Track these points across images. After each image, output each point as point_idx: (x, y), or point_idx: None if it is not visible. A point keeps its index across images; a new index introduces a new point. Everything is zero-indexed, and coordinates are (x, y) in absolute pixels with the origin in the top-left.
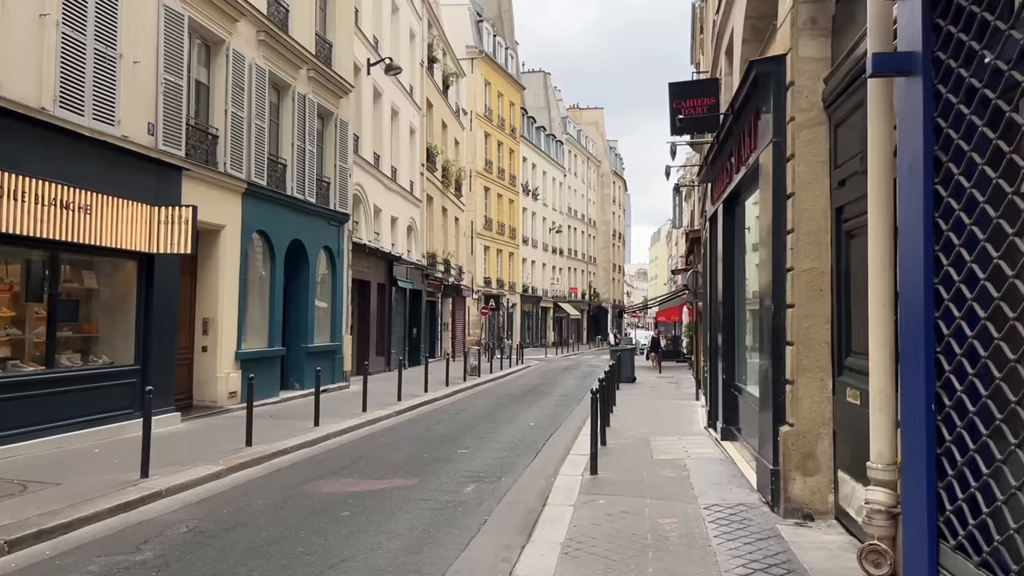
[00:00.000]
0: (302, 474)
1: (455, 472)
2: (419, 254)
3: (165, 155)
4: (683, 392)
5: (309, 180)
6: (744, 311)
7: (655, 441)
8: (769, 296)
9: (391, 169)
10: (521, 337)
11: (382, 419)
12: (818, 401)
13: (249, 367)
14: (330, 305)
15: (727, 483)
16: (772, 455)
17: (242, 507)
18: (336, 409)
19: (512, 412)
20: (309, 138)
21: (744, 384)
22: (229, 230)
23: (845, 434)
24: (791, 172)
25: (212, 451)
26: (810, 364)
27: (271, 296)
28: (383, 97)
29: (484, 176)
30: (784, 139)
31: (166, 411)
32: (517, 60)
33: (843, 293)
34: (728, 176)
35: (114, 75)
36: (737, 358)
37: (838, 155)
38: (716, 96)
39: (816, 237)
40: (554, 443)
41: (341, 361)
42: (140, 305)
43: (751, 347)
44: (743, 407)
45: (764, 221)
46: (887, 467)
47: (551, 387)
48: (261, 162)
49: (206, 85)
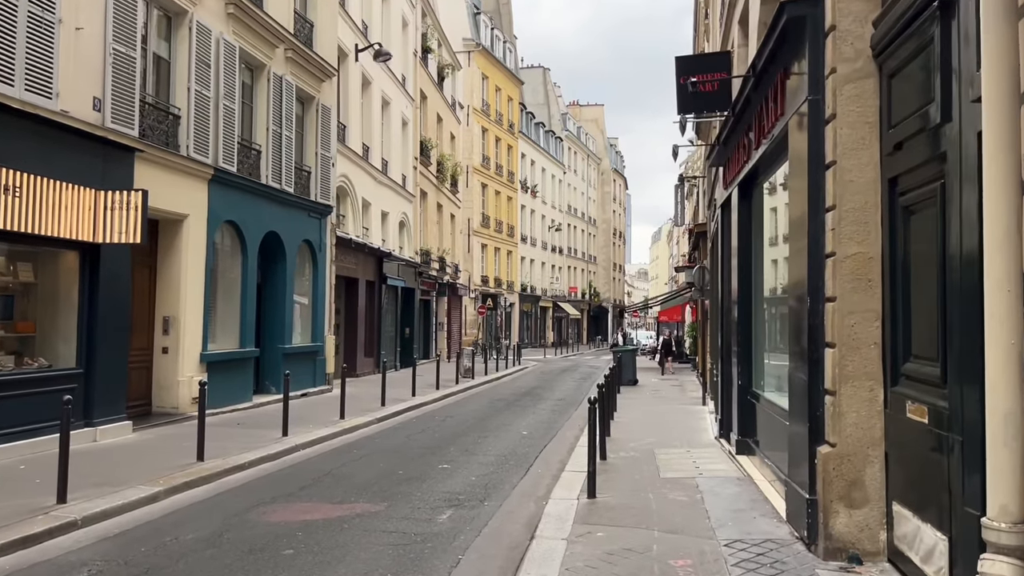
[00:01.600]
0: (253, 496)
1: (431, 494)
2: (412, 251)
3: (114, 134)
4: (688, 396)
5: (287, 168)
6: (762, 308)
7: (661, 454)
8: (803, 289)
9: (382, 162)
10: (520, 337)
11: (360, 427)
12: (866, 416)
13: (216, 370)
14: (311, 303)
15: (748, 510)
16: (808, 481)
17: (165, 543)
18: (311, 416)
19: (504, 419)
20: (287, 123)
21: (762, 391)
22: (193, 219)
23: (903, 458)
24: (831, 136)
25: (156, 468)
26: (855, 370)
27: (243, 292)
28: (372, 86)
29: (481, 172)
30: (822, 97)
31: (114, 420)
32: (516, 54)
33: (898, 283)
34: (745, 154)
35: (52, 42)
36: (754, 362)
37: (892, 113)
38: (728, 71)
39: (863, 215)
40: (548, 456)
41: (323, 363)
42: (83, 301)
43: (772, 349)
44: (762, 417)
45: (795, 199)
46: (1016, 528)
47: (548, 390)
48: (231, 147)
49: (167, 60)
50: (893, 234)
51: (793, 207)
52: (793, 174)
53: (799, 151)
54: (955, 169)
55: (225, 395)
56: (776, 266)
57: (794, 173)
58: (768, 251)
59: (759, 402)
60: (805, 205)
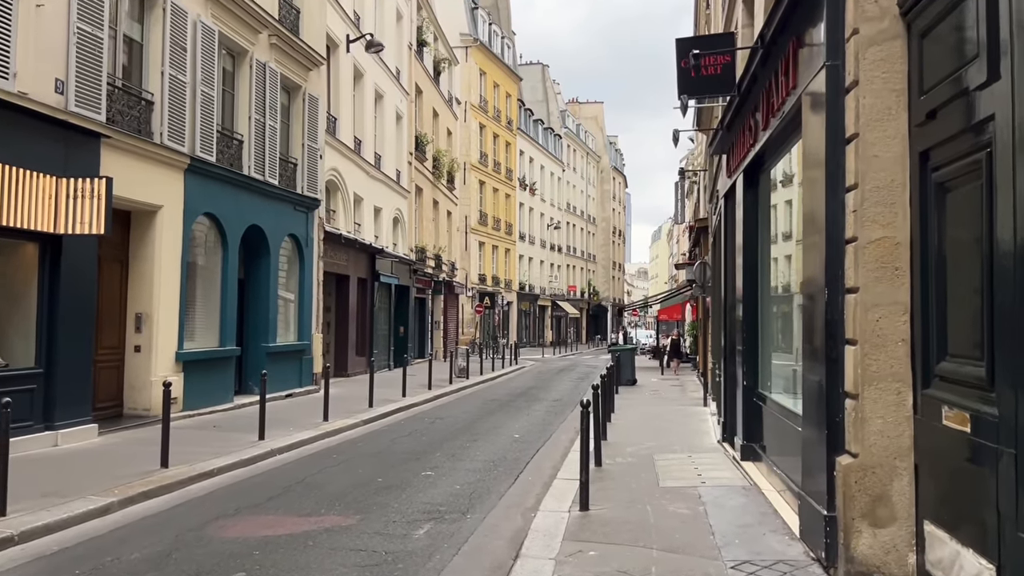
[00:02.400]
0: (215, 508)
1: (410, 505)
2: (407, 248)
3: (77, 118)
4: (689, 397)
5: (271, 159)
6: (769, 304)
7: (661, 460)
8: (819, 279)
9: (375, 156)
10: (518, 336)
11: (344, 430)
12: (893, 423)
13: (194, 370)
14: (297, 300)
15: (757, 525)
16: (826, 495)
17: (104, 564)
18: (294, 417)
19: (496, 421)
20: (271, 112)
21: (769, 392)
22: (168, 211)
23: (936, 471)
24: (853, 107)
25: (115, 475)
26: (881, 371)
27: (223, 288)
28: (365, 78)
29: (479, 169)
30: (842, 62)
31: (78, 423)
32: (514, 50)
33: (930, 270)
34: (751, 137)
35: (9, 19)
36: (761, 361)
37: (924, 77)
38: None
39: (889, 194)
40: (540, 461)
41: (310, 362)
42: (43, 297)
43: (780, 348)
44: (769, 421)
45: (810, 180)
46: None
47: (544, 391)
48: (210, 135)
49: (139, 43)
50: (924, 215)
51: (808, 189)
52: (808, 152)
53: (815, 125)
54: (1005, 134)
55: (204, 396)
56: (786, 258)
57: (809, 151)
58: (776, 241)
59: (766, 404)
60: (822, 186)
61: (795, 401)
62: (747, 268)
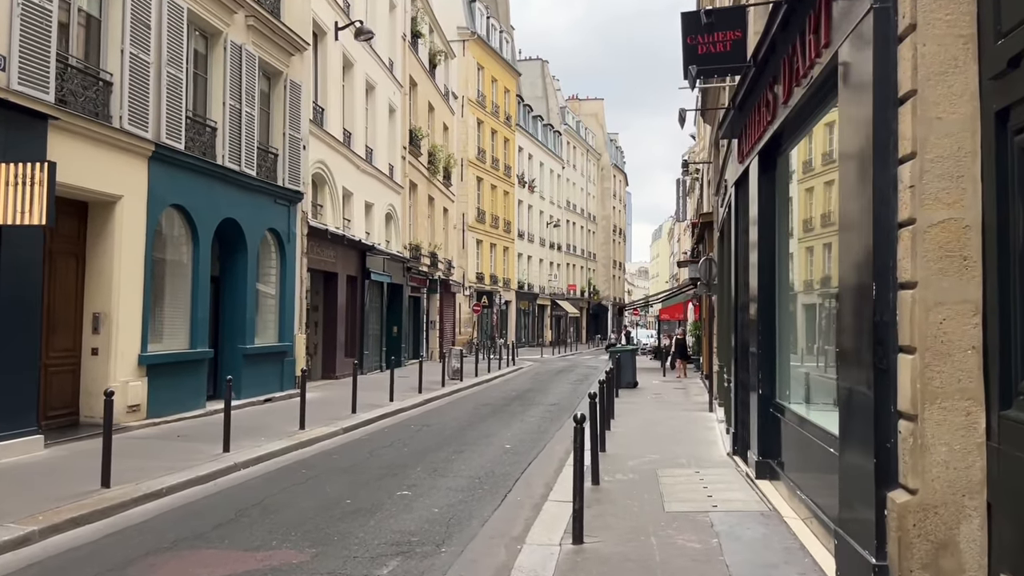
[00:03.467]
0: (150, 539)
1: (377, 534)
2: (400, 245)
3: (21, 97)
4: (693, 401)
5: (248, 148)
6: (789, 302)
7: (665, 477)
8: (865, 271)
9: (365, 149)
10: (516, 336)
11: (322, 439)
12: (961, 451)
13: (160, 373)
14: (278, 298)
15: (782, 565)
16: (874, 538)
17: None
18: (268, 425)
19: (487, 428)
20: (248, 98)
21: (788, 402)
22: (129, 202)
23: (1016, 512)
24: (909, 57)
25: (47, 497)
26: (946, 386)
27: (194, 286)
28: (356, 68)
29: (477, 166)
30: (893, 3)
31: (20, 434)
32: (513, 45)
33: (1011, 261)
34: (768, 114)
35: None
36: (779, 367)
37: (1002, 15)
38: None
39: (955, 166)
40: (531, 478)
41: (292, 364)
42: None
43: (805, 351)
44: (790, 435)
45: (851, 150)
46: None
47: (541, 394)
48: (178, 121)
49: (97, 19)
50: (1002, 191)
51: (847, 164)
52: (847, 119)
53: (858, 83)
54: None
55: (171, 402)
56: (807, 249)
57: (849, 117)
58: (798, 232)
59: (784, 416)
60: (868, 158)
61: (822, 414)
62: (762, 262)
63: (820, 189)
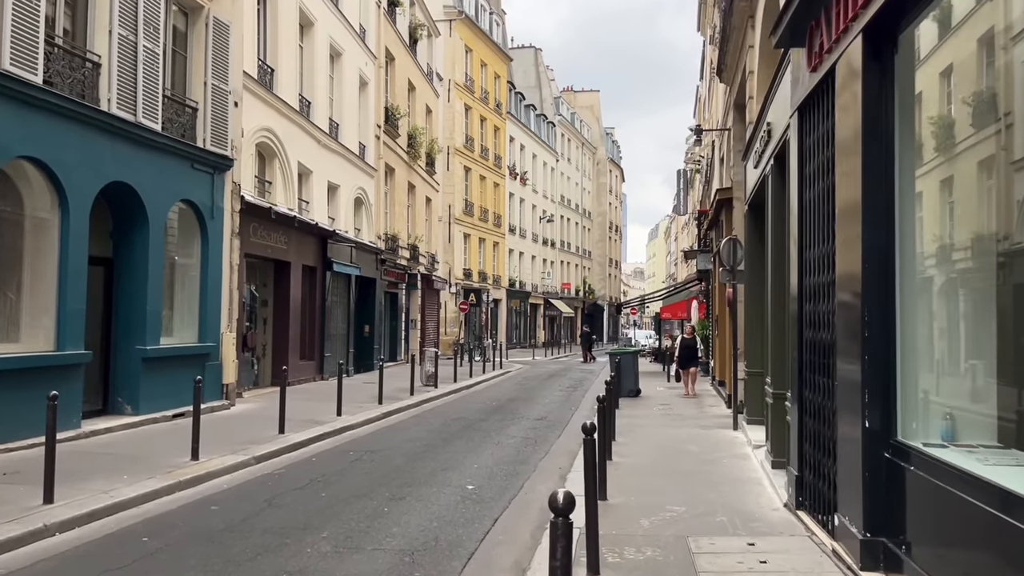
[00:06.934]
0: None
1: None
2: (374, 235)
3: None
4: (710, 414)
5: (149, 95)
6: (916, 277)
7: (703, 555)
8: None
9: (329, 123)
10: (507, 337)
11: (213, 476)
12: None
13: (9, 382)
14: (199, 288)
15: None
16: None
17: None
18: (149, 455)
19: (449, 456)
20: (148, 31)
21: (921, 444)
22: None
23: None
24: None
25: None
26: None
27: (62, 269)
28: (316, 28)
29: (464, 154)
30: None
31: None
32: (504, 29)
33: None
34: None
35: None
36: (901, 387)
37: None
38: None
39: None
40: (492, 548)
41: (217, 370)
42: None
43: (948, 358)
44: (928, 499)
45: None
46: None
47: (526, 404)
48: (34, 48)
49: None
50: None
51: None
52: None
53: None
54: None
55: (19, 422)
56: (961, 185)
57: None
58: (937, 157)
59: (914, 466)
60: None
61: (1003, 469)
62: (871, 210)
63: (985, 75)
